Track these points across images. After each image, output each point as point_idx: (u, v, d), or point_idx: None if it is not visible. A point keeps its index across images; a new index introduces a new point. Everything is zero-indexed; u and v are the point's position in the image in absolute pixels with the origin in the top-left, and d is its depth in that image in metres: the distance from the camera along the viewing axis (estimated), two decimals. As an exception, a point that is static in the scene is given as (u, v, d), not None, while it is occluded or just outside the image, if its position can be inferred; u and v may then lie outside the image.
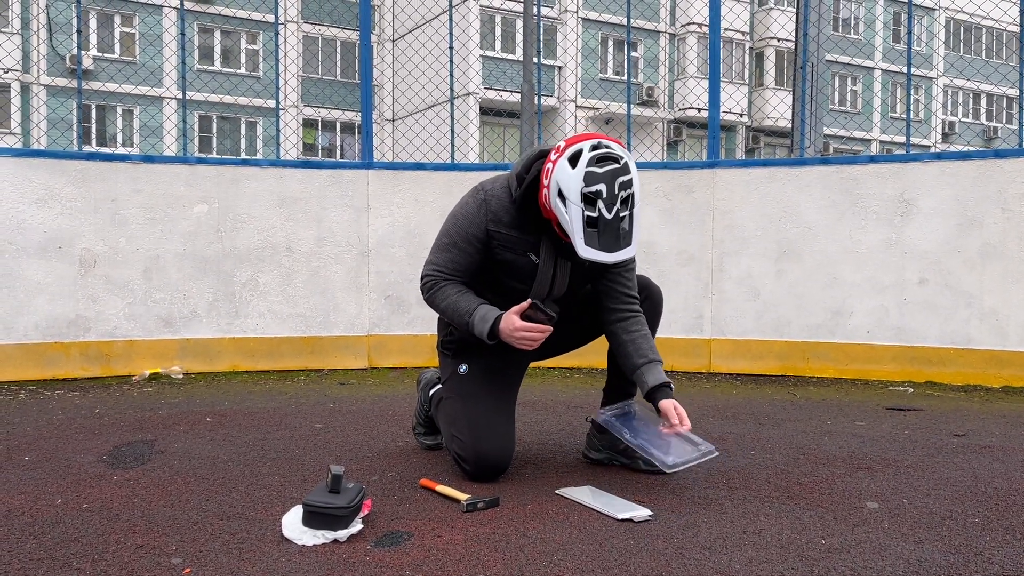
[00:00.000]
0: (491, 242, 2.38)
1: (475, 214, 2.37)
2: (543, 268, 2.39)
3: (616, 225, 2.19)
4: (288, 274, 4.77)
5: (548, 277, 2.41)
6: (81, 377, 4.45)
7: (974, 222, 4.34)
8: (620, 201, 2.18)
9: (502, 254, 2.39)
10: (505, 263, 2.40)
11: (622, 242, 2.21)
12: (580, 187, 2.18)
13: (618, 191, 2.17)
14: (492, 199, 2.38)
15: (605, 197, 2.17)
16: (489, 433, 2.39)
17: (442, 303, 2.40)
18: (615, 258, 2.21)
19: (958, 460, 2.74)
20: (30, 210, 4.36)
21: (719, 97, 4.87)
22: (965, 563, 1.81)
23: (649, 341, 2.49)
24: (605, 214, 2.17)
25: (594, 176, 2.17)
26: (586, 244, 2.20)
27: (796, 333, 4.64)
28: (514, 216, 2.37)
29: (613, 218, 2.18)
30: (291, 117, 23.33)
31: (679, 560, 1.82)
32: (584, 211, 2.18)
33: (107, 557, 1.82)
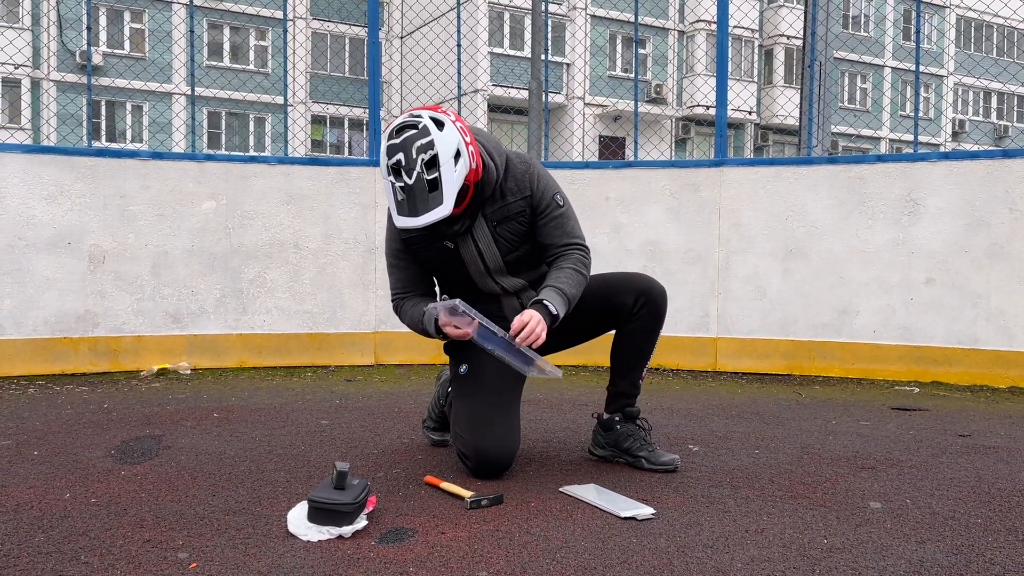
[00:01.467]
0: (411, 250, 2.49)
1: (389, 237, 2.52)
2: (463, 249, 2.46)
3: (421, 187, 2.25)
4: (295, 271, 4.80)
5: (474, 254, 2.47)
6: (90, 372, 4.48)
7: (982, 222, 4.33)
8: (422, 164, 2.23)
9: (424, 255, 2.50)
10: (431, 261, 2.51)
11: (430, 204, 2.26)
12: (385, 161, 2.27)
13: (416, 155, 2.23)
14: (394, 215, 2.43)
15: (404, 164, 2.24)
16: (488, 431, 2.40)
17: (406, 321, 2.55)
18: (422, 221, 2.27)
19: (962, 461, 2.74)
20: (40, 206, 4.39)
21: (726, 95, 4.87)
22: (967, 564, 1.81)
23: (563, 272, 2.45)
24: (408, 180, 2.24)
25: (393, 148, 2.26)
26: (398, 214, 2.29)
27: (802, 332, 4.64)
28: None
29: (416, 181, 2.24)
30: (299, 114, 23.39)
31: (681, 558, 1.83)
32: (394, 183, 2.27)
33: (115, 551, 1.84)
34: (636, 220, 4.86)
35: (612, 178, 4.90)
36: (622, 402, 2.66)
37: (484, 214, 2.46)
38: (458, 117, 2.36)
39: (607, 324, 2.66)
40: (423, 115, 2.30)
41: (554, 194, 2.50)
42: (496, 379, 2.47)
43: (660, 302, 2.58)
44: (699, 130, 25.24)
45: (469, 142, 2.34)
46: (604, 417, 2.67)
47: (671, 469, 2.54)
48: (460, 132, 2.31)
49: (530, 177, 2.47)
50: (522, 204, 2.46)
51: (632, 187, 4.87)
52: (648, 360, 2.65)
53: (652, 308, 2.57)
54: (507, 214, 2.46)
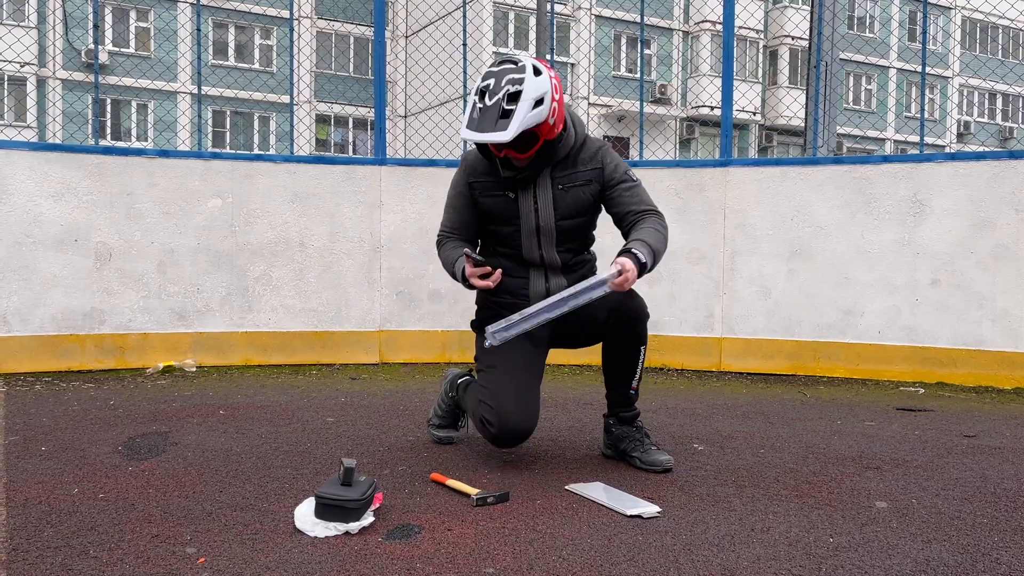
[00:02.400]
0: (474, 194, 2.61)
1: (458, 174, 2.65)
2: (522, 201, 2.56)
3: (495, 111, 2.36)
4: (301, 269, 4.80)
5: (530, 208, 2.56)
6: (96, 369, 4.49)
7: (987, 223, 4.32)
8: (505, 94, 2.36)
9: (484, 201, 2.60)
10: (488, 208, 2.60)
11: (497, 127, 2.37)
12: (478, 83, 2.43)
13: (504, 84, 2.37)
14: (469, 155, 2.64)
15: (491, 88, 2.38)
16: (513, 399, 2.49)
17: (441, 258, 2.68)
18: (483, 137, 2.38)
19: (968, 461, 2.74)
20: (47, 203, 4.40)
21: (732, 95, 4.87)
22: (973, 563, 1.81)
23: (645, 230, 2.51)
24: (488, 102, 2.38)
25: (489, 74, 2.42)
26: (466, 127, 2.42)
27: (807, 332, 4.64)
28: (486, 163, 2.57)
29: (493, 104, 2.37)
30: (305, 113, 23.41)
31: (687, 556, 1.83)
32: (476, 102, 2.40)
33: (123, 546, 1.85)
34: (641, 220, 4.85)
35: (617, 178, 4.90)
36: (615, 409, 2.72)
37: (553, 176, 2.57)
38: (557, 76, 2.48)
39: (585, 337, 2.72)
40: (527, 59, 2.45)
41: (626, 170, 2.62)
42: (522, 355, 2.56)
43: (630, 321, 2.58)
44: (703, 131, 25.23)
45: (557, 99, 2.44)
46: (605, 420, 2.75)
47: (660, 469, 2.56)
48: (552, 87, 2.42)
49: (603, 153, 2.60)
50: (591, 175, 2.58)
51: (637, 187, 4.87)
52: (635, 375, 2.68)
53: (623, 327, 2.59)
54: (575, 181, 2.57)
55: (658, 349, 4.84)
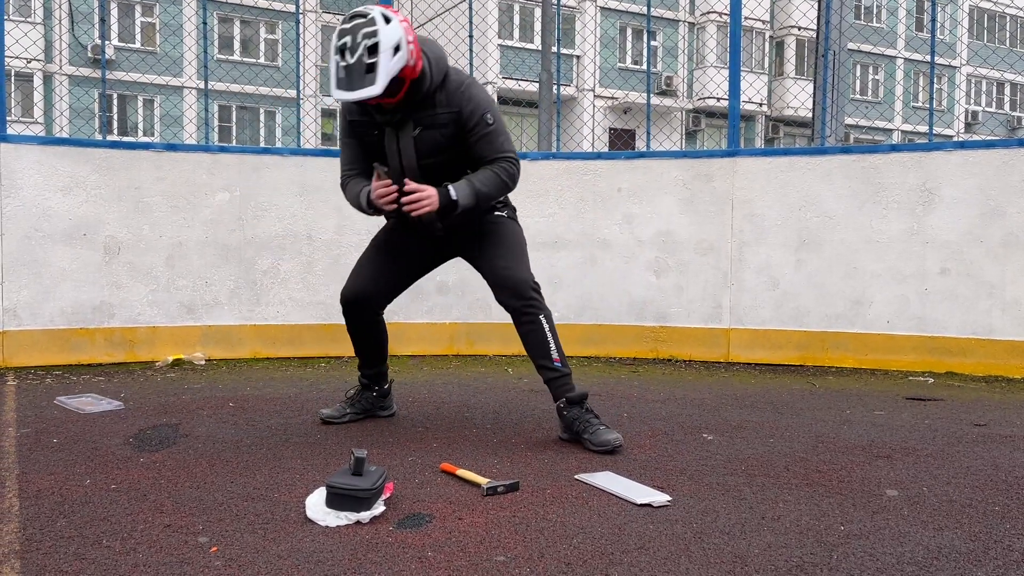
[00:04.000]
0: (354, 131, 2.77)
1: (340, 115, 2.80)
2: (387, 143, 2.71)
3: (360, 68, 2.45)
4: (309, 262, 4.81)
5: (393, 150, 2.71)
6: (106, 362, 4.51)
7: (997, 212, 4.30)
8: (364, 49, 2.45)
9: (362, 138, 2.77)
10: (366, 146, 2.77)
11: (364, 83, 2.46)
12: (334, 43, 2.50)
13: (360, 40, 2.45)
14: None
15: (349, 45, 2.46)
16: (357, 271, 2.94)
17: (348, 196, 2.82)
18: (353, 96, 2.48)
19: (978, 449, 2.73)
20: (55, 197, 4.42)
21: (739, 85, 4.85)
22: (985, 550, 1.81)
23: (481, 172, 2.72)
24: (350, 60, 2.46)
25: (342, 32, 2.49)
26: (336, 88, 2.50)
27: (815, 323, 4.63)
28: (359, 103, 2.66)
29: (356, 62, 2.46)
30: (311, 106, 23.42)
31: (698, 544, 1.83)
32: (338, 62, 2.48)
33: (136, 536, 1.86)
34: (648, 211, 4.85)
35: (624, 169, 4.89)
36: (556, 388, 2.75)
37: (413, 117, 2.67)
38: (405, 19, 2.57)
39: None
40: (374, 9, 2.52)
41: (483, 113, 2.68)
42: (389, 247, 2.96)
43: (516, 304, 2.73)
44: (710, 122, 25.15)
45: (411, 41, 2.54)
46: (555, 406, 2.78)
47: (609, 449, 2.60)
48: (404, 30, 2.51)
49: (461, 95, 2.66)
50: (448, 118, 2.67)
51: (644, 178, 4.86)
52: (549, 343, 2.73)
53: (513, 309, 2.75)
54: (433, 123, 2.67)
55: (666, 340, 4.84)
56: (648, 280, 4.85)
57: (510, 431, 2.95)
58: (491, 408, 3.36)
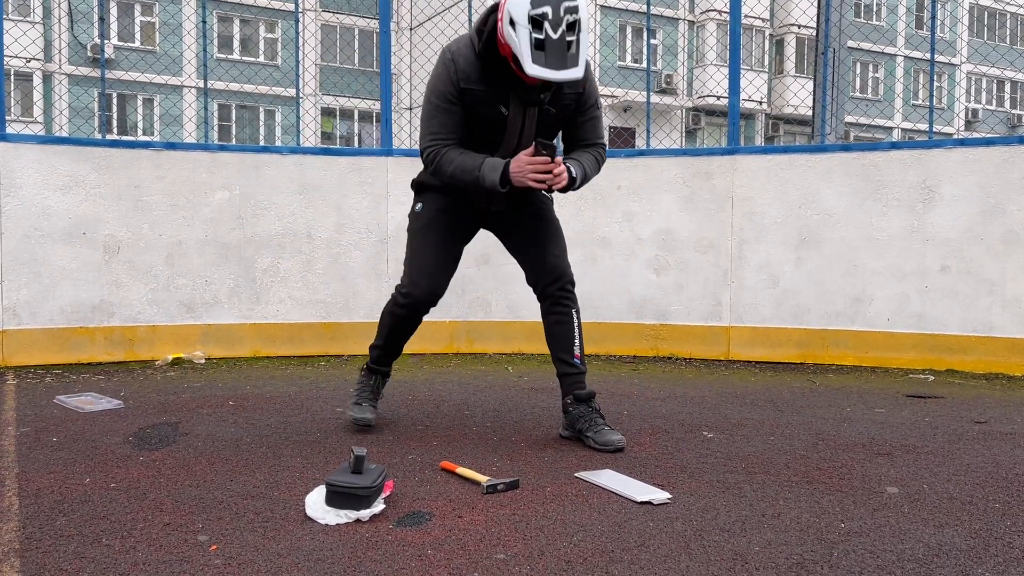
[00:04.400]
0: (465, 99, 2.52)
1: (445, 76, 2.51)
2: (512, 119, 2.54)
3: (562, 45, 2.30)
4: (308, 261, 4.81)
5: (517, 127, 2.56)
6: (105, 361, 4.51)
7: (997, 209, 4.30)
8: (566, 24, 2.29)
9: (475, 109, 2.53)
10: (478, 117, 2.55)
11: (569, 62, 2.32)
12: (527, 10, 2.29)
13: (563, 14, 2.29)
14: (459, 58, 2.50)
15: (551, 18, 2.28)
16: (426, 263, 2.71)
17: (449, 167, 2.54)
18: (561, 76, 2.31)
19: (979, 447, 2.73)
20: (55, 196, 4.41)
21: (739, 83, 4.84)
22: (986, 547, 1.81)
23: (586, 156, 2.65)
24: (552, 34, 2.28)
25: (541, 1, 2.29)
26: (533, 63, 2.30)
27: (815, 321, 4.63)
28: (480, 70, 2.49)
29: (559, 38, 2.29)
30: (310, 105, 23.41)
31: (698, 542, 1.83)
32: (531, 33, 2.30)
33: (135, 534, 1.86)
34: (648, 209, 4.85)
35: (624, 167, 4.89)
36: (568, 384, 2.74)
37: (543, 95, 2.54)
38: None
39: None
40: None
41: (598, 96, 2.66)
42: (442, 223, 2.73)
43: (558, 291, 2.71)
44: (709, 120, 25.14)
45: None
46: (562, 401, 2.77)
47: (612, 449, 2.60)
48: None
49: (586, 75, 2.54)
50: (573, 97, 2.58)
51: (644, 176, 4.86)
52: (575, 339, 2.72)
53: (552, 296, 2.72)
54: (559, 102, 2.56)
55: (666, 338, 4.84)
56: (648, 278, 4.85)
57: (510, 429, 2.95)
58: (491, 406, 3.36)
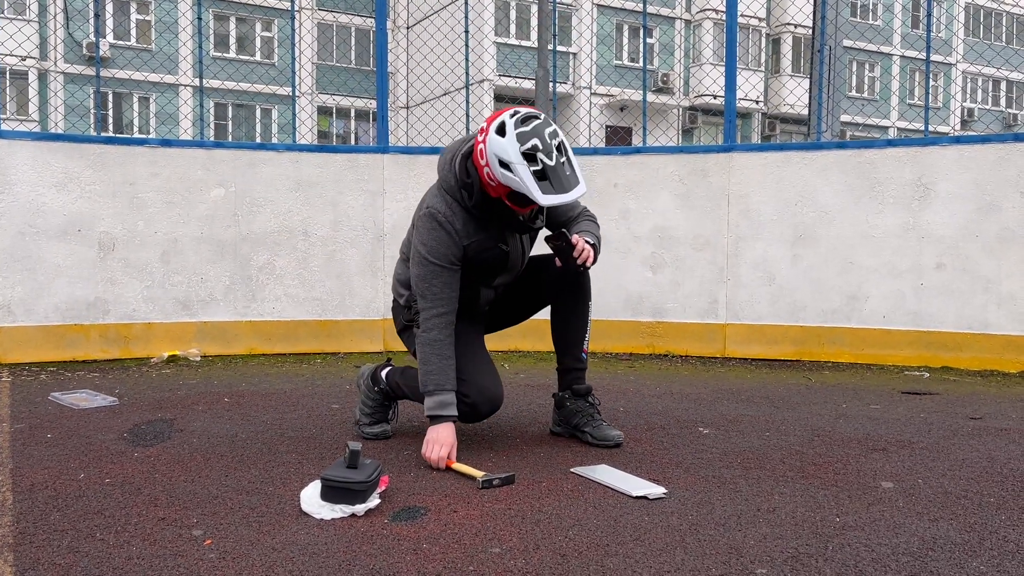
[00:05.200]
0: (468, 253, 2.52)
1: (447, 240, 2.48)
2: (513, 250, 2.59)
3: (561, 169, 2.35)
4: (304, 258, 4.80)
5: (518, 254, 2.62)
6: (101, 359, 4.50)
7: (993, 206, 4.30)
8: (555, 148, 2.34)
9: (477, 256, 2.53)
10: (479, 263, 2.55)
11: (572, 181, 2.36)
12: (517, 148, 2.32)
13: (550, 140, 2.34)
14: (454, 219, 2.49)
15: (542, 148, 2.32)
16: (482, 370, 2.53)
17: (429, 353, 2.46)
18: (574, 196, 2.36)
19: (974, 442, 2.74)
20: (50, 193, 4.40)
21: (735, 80, 4.84)
22: (980, 541, 1.81)
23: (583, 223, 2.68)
24: (548, 162, 2.33)
25: (525, 135, 2.33)
26: (544, 194, 2.33)
27: (811, 318, 4.63)
28: (475, 221, 2.51)
29: (556, 164, 2.34)
30: (306, 102, 23.38)
31: (693, 536, 1.83)
32: (529, 167, 2.32)
33: (130, 529, 1.85)
34: (645, 206, 4.85)
35: (621, 164, 4.89)
36: (570, 379, 2.73)
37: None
38: None
39: (535, 302, 2.78)
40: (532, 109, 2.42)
41: None
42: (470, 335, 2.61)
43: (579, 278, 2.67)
44: (706, 119, 25.16)
45: None
46: (557, 396, 2.76)
47: (611, 444, 2.61)
48: None
49: None
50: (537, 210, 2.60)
51: (640, 173, 4.86)
52: (586, 335, 2.73)
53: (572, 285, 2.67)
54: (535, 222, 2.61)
55: (662, 335, 4.84)
56: (644, 275, 4.85)
57: (506, 425, 2.95)
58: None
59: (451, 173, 2.50)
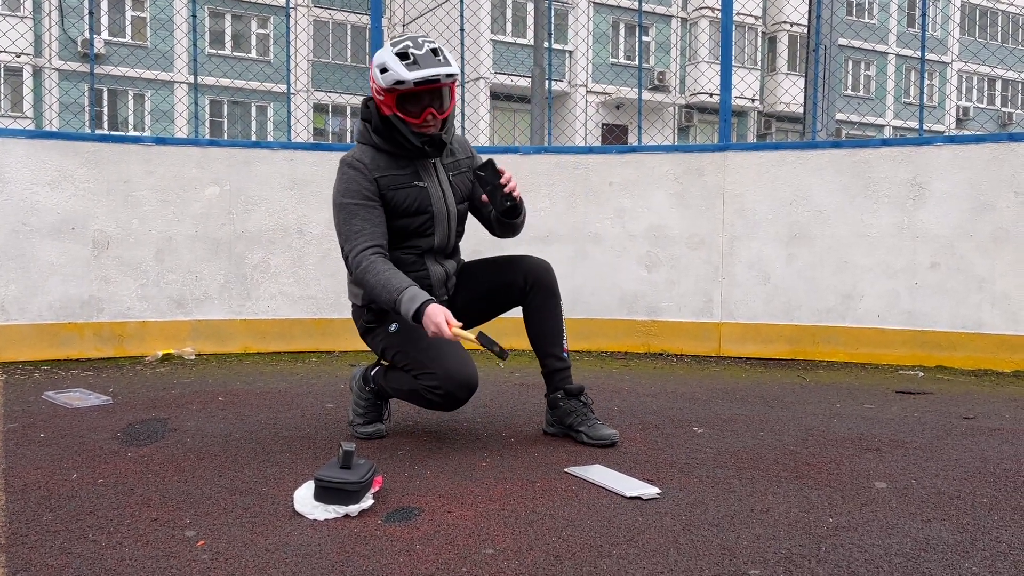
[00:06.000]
0: (382, 191, 2.56)
1: (357, 175, 2.55)
2: (431, 187, 2.63)
3: (430, 54, 2.47)
4: (299, 256, 4.79)
5: (439, 192, 2.64)
6: (95, 358, 4.49)
7: (987, 206, 4.31)
8: (426, 44, 2.48)
9: (395, 195, 2.57)
10: (400, 201, 2.57)
11: (442, 63, 2.47)
12: (391, 50, 2.48)
13: (421, 41, 2.49)
14: (362, 156, 2.59)
15: (413, 46, 2.48)
16: (449, 357, 2.47)
17: (372, 278, 2.46)
18: (438, 71, 2.44)
19: (967, 442, 2.74)
20: (43, 191, 4.39)
21: (731, 79, 4.85)
22: (973, 542, 1.81)
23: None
24: (418, 53, 2.46)
25: (399, 41, 2.51)
26: (409, 71, 2.44)
27: (806, 317, 4.64)
28: (384, 157, 2.59)
29: (425, 52, 2.47)
30: (302, 100, 23.34)
31: (687, 536, 1.83)
32: (400, 61, 2.46)
33: (122, 530, 1.85)
34: (640, 205, 4.85)
35: (616, 163, 4.89)
36: (558, 379, 2.73)
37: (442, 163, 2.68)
38: None
39: (501, 302, 2.77)
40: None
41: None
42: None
43: (546, 277, 2.70)
44: (702, 118, 25.16)
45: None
46: (549, 397, 2.75)
47: (607, 444, 2.62)
48: None
49: (466, 142, 2.81)
50: (468, 163, 2.75)
51: (636, 172, 4.86)
52: (563, 333, 2.73)
53: (542, 285, 2.68)
54: (459, 168, 2.72)
55: (657, 334, 4.84)
56: (639, 274, 4.85)
57: (500, 425, 2.95)
58: (481, 402, 3.36)
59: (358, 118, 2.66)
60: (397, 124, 2.55)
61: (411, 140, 2.55)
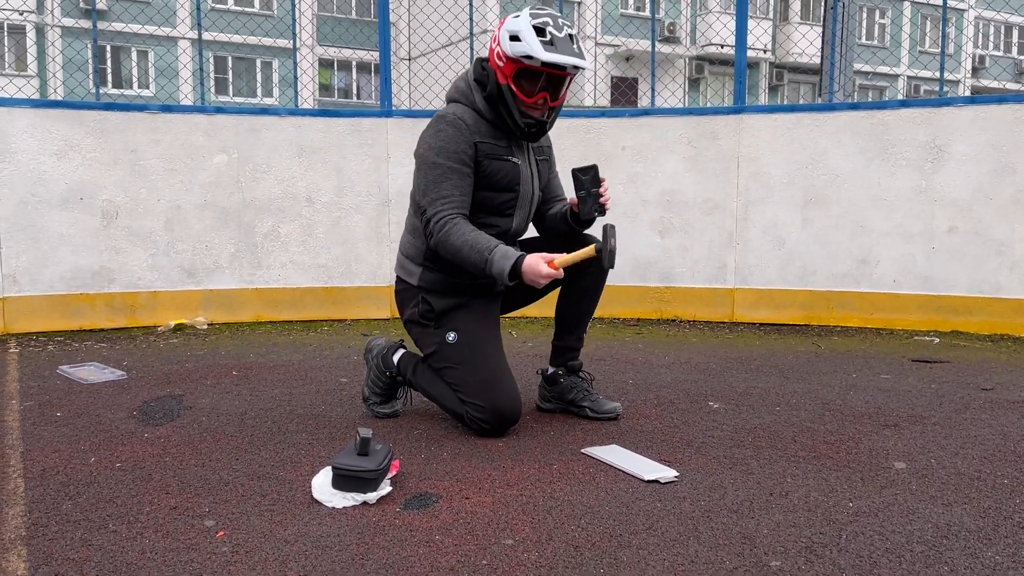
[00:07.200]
0: (479, 157, 2.47)
1: (457, 135, 2.43)
2: (524, 167, 2.56)
3: (568, 41, 2.38)
4: (309, 225, 4.76)
5: (528, 173, 2.58)
6: (107, 328, 4.49)
7: (1008, 168, 4.23)
8: (565, 27, 2.39)
9: (490, 164, 2.48)
10: (492, 172, 2.49)
11: (576, 52, 2.39)
12: (529, 22, 2.37)
13: (561, 23, 2.40)
14: (465, 116, 2.48)
15: (552, 25, 2.38)
16: (501, 391, 2.45)
17: (458, 239, 2.37)
18: (573, 61, 2.37)
19: (986, 416, 2.72)
20: (51, 162, 4.35)
21: (746, 38, 4.73)
22: (995, 527, 1.80)
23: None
24: (557, 34, 2.37)
25: (538, 14, 2.40)
26: (546, 52, 2.36)
27: (821, 282, 4.60)
28: (488, 124, 2.49)
29: (564, 37, 2.38)
30: (307, 55, 23.06)
31: (706, 524, 1.82)
32: (538, 37, 2.36)
33: (142, 519, 1.85)
34: (653, 169, 4.78)
35: (628, 127, 4.81)
36: (566, 356, 2.72)
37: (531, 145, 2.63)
38: None
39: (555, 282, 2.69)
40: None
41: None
42: (488, 343, 2.53)
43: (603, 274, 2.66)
44: (713, 70, 24.78)
45: None
46: (548, 371, 2.74)
47: (613, 417, 2.64)
48: None
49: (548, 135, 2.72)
50: (548, 152, 2.71)
51: (649, 136, 4.78)
52: (591, 316, 2.73)
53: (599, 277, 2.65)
54: (543, 155, 2.69)
55: (670, 301, 4.81)
56: (653, 240, 4.80)
57: (515, 400, 2.93)
58: (495, 375, 3.34)
59: (463, 79, 2.54)
60: (507, 95, 2.44)
61: (515, 118, 2.46)
